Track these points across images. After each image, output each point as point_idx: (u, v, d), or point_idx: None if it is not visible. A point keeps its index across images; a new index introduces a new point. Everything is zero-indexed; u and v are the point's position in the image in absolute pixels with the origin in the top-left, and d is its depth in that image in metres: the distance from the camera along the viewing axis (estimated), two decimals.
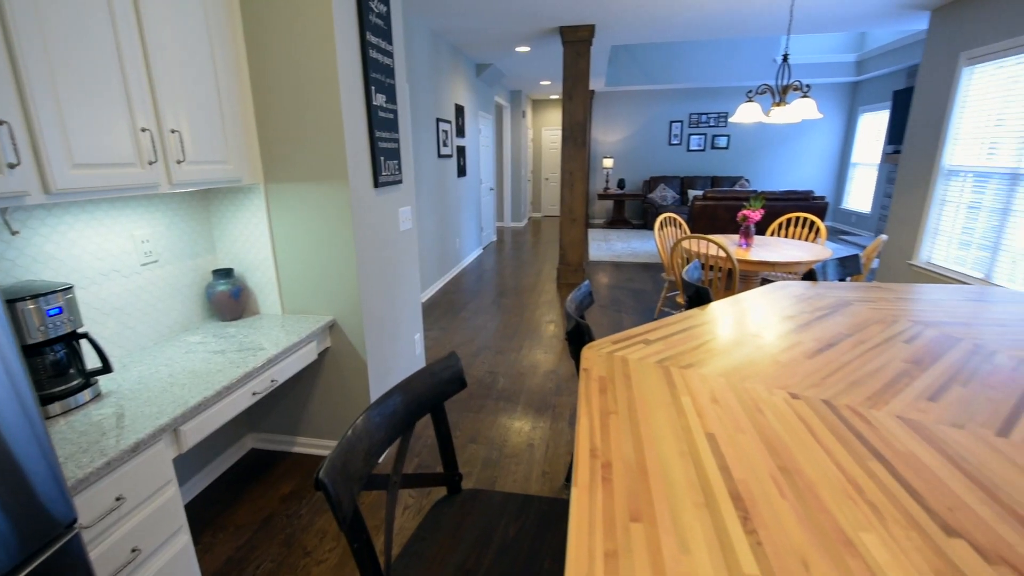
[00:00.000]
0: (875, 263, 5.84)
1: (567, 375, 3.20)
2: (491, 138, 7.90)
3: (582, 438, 0.91)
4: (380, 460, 2.32)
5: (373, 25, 2.06)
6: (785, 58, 3.41)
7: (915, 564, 0.63)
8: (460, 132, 5.93)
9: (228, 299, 1.98)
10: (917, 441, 0.91)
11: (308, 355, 1.95)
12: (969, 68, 3.94)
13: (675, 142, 9.68)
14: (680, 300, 3.72)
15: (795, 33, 5.16)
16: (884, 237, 3.21)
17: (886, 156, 7.16)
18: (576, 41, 4.76)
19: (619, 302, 4.74)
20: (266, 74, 1.88)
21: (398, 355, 2.58)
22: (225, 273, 2.00)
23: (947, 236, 4.16)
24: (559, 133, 10.56)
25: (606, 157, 9.88)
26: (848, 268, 2.38)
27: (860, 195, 8.52)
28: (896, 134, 6.72)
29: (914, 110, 4.56)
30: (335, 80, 1.84)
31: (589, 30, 4.67)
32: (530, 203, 11.01)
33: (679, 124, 9.56)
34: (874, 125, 8.16)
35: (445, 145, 5.33)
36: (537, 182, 11.05)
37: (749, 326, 1.51)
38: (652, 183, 9.53)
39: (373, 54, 2.07)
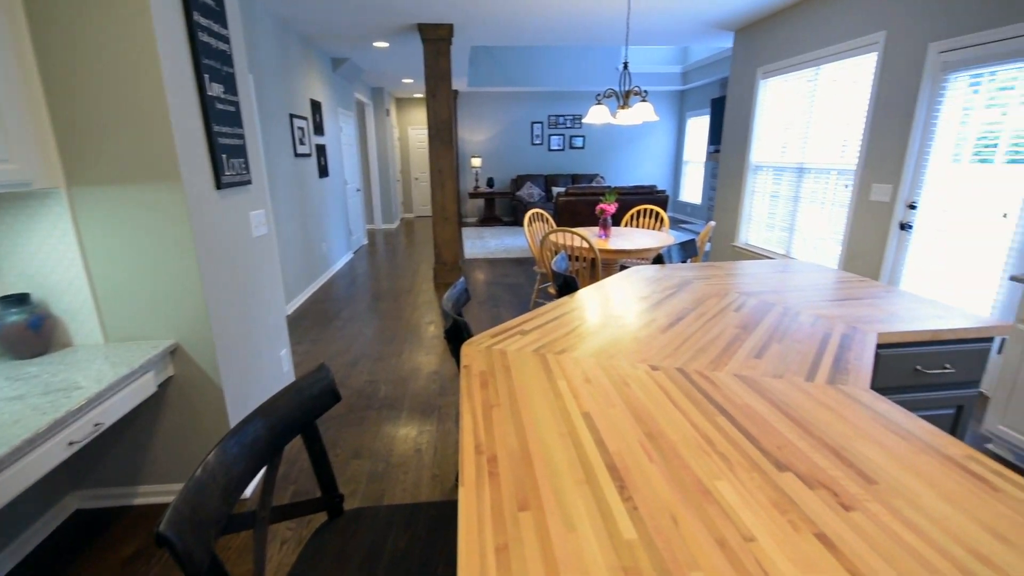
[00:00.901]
0: (708, 246, 6.76)
1: (451, 375, 3.18)
2: (354, 136, 7.51)
3: (466, 435, 0.90)
4: (247, 494, 2.08)
5: (201, 4, 1.81)
6: (625, 66, 3.77)
7: (758, 501, 0.74)
8: (319, 129, 5.54)
9: (24, 332, 1.60)
10: (750, 393, 1.06)
11: (144, 388, 1.66)
12: (764, 80, 4.74)
13: (537, 142, 10.17)
14: (552, 290, 3.93)
15: (632, 44, 5.74)
16: (713, 223, 3.73)
17: (709, 155, 8.32)
18: (435, 40, 4.73)
19: (496, 297, 4.84)
20: (61, 50, 1.54)
21: (262, 376, 2.33)
22: (17, 300, 1.61)
23: (758, 221, 4.97)
24: (426, 132, 10.44)
25: (474, 156, 10.02)
26: (688, 251, 2.72)
27: (692, 188, 9.79)
28: (715, 136, 7.85)
29: (727, 115, 5.36)
30: (155, 61, 1.58)
31: (448, 29, 4.67)
32: (401, 204, 10.72)
33: (540, 125, 10.06)
34: (699, 128, 9.43)
35: (302, 143, 4.93)
36: (407, 182, 10.80)
37: (612, 309, 1.64)
38: (519, 181, 9.90)
39: (204, 37, 1.82)
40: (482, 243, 7.83)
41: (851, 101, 3.74)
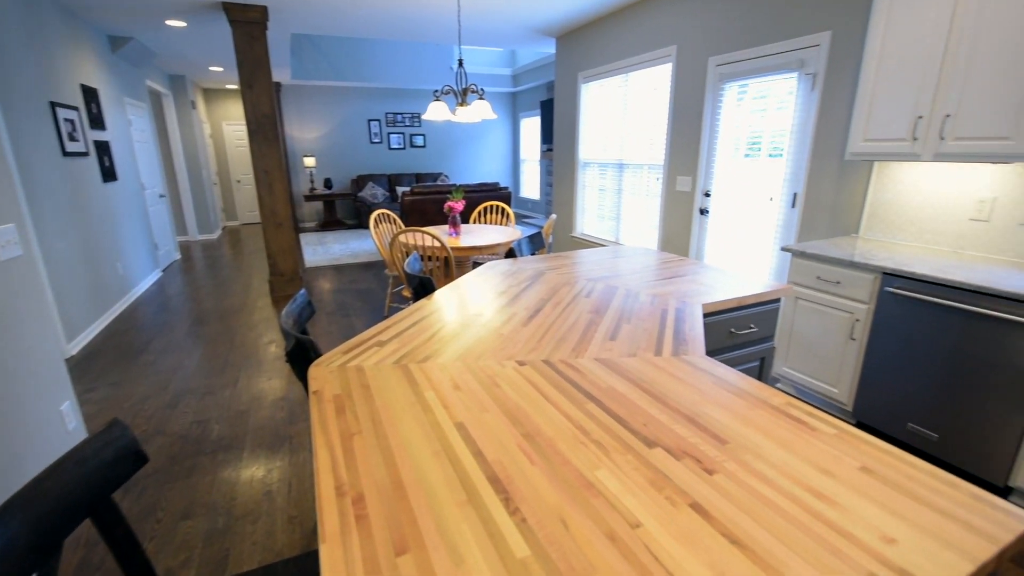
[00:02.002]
0: (551, 238, 7.22)
1: (300, 398, 2.85)
2: (150, 132, 6.28)
3: (323, 476, 0.77)
4: None
5: None
6: (460, 63, 3.77)
7: (636, 483, 0.75)
8: (97, 123, 4.49)
9: None
10: (612, 375, 1.10)
11: None
12: (585, 84, 5.18)
13: (376, 140, 9.75)
14: (407, 293, 3.77)
15: (465, 44, 5.79)
16: (554, 216, 3.96)
17: (543, 153, 8.86)
18: (247, 22, 4.17)
19: (347, 306, 4.50)
20: None
21: (30, 443, 1.78)
22: None
23: (591, 212, 5.44)
24: (245, 127, 9.25)
25: (307, 155, 9.19)
26: (536, 244, 2.82)
27: (531, 185, 10.37)
28: (547, 135, 8.40)
29: (556, 117, 5.75)
30: None
31: (260, 11, 4.15)
32: (222, 210, 9.35)
33: (377, 123, 9.65)
34: (532, 128, 10.01)
35: (74, 139, 3.94)
36: (227, 185, 9.46)
37: (471, 307, 1.60)
38: (360, 181, 9.38)
39: None
40: (325, 249, 7.23)
41: (656, 104, 4.28)
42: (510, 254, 2.56)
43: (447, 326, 1.43)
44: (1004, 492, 1.96)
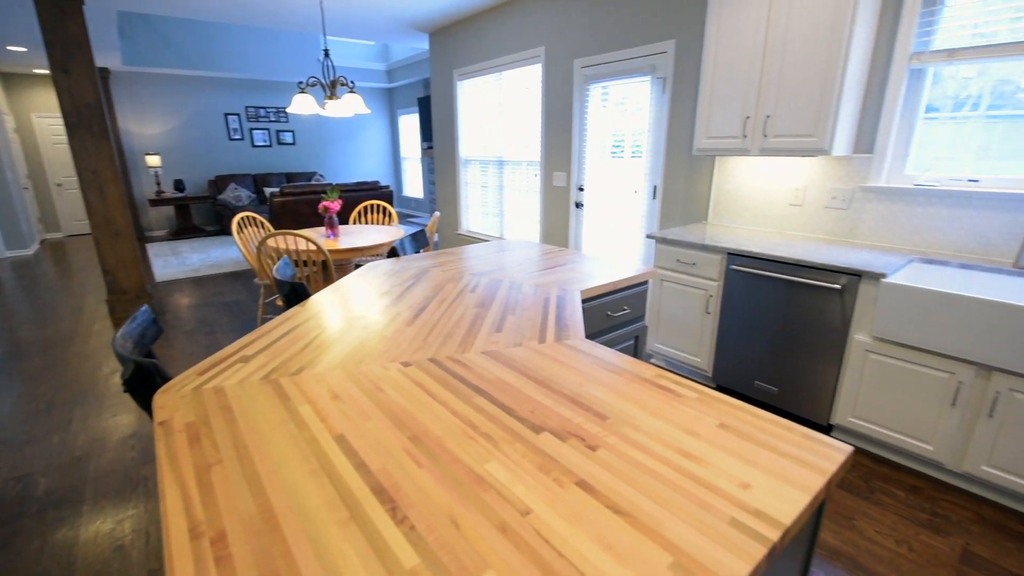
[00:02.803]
0: (436, 237, 7.14)
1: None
2: None
3: (172, 517, 0.66)
4: None
5: None
6: (327, 53, 3.53)
7: (526, 470, 0.76)
8: None
9: None
10: (499, 367, 1.11)
11: None
12: (461, 81, 5.19)
13: (236, 137, 8.80)
14: (281, 303, 3.46)
15: (332, 35, 5.45)
16: (438, 214, 3.91)
17: (424, 151, 8.74)
18: None
19: (211, 322, 4.00)
20: None
21: None
22: None
23: (475, 209, 5.48)
24: (62, 120, 7.77)
25: (150, 154, 7.98)
26: (420, 242, 2.76)
27: (413, 183, 10.16)
28: (427, 133, 8.28)
29: (434, 114, 5.68)
30: None
31: None
32: (38, 220, 7.76)
33: (236, 117, 8.71)
34: (411, 125, 9.79)
35: None
36: (43, 190, 7.87)
37: (353, 310, 1.50)
38: (220, 183, 8.40)
39: None
40: (180, 260, 6.36)
41: (530, 103, 4.43)
42: (393, 253, 2.47)
43: (324, 333, 1.33)
44: (828, 429, 2.36)
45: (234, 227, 3.48)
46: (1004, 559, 1.65)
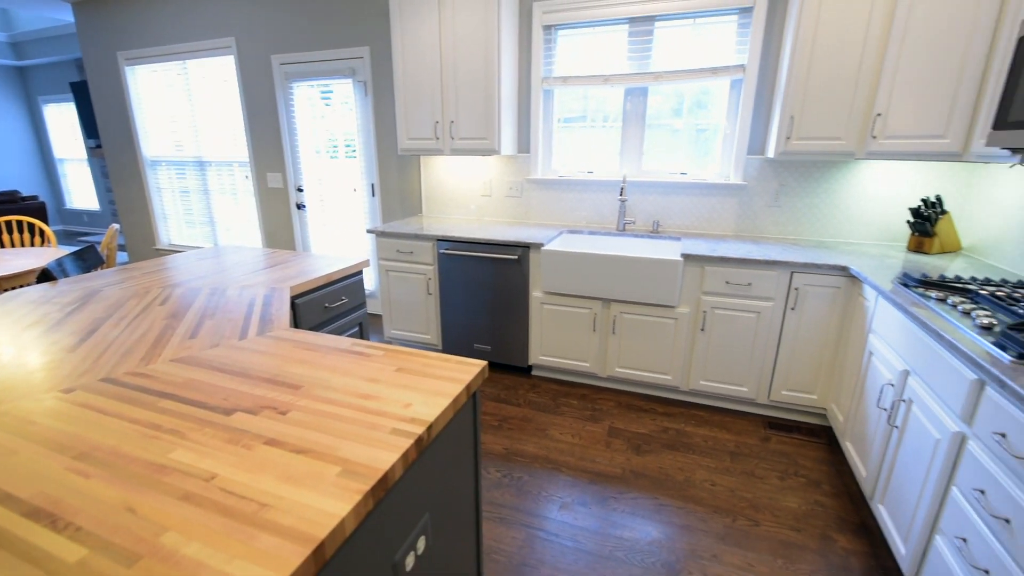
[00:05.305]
0: (125, 255, 5.81)
1: None
2: None
3: None
4: None
5: None
6: None
7: (214, 446, 0.81)
8: None
9: None
10: (191, 369, 1.10)
11: None
12: (131, 68, 4.32)
13: None
14: None
15: None
16: (115, 226, 3.24)
17: (91, 150, 6.95)
18: None
19: None
20: None
21: None
22: None
23: (175, 218, 4.70)
24: None
25: None
26: (90, 260, 2.28)
27: (82, 192, 7.94)
28: (92, 128, 6.58)
29: (97, 105, 4.59)
30: None
31: None
32: None
33: None
34: (66, 117, 7.57)
35: None
36: None
37: None
38: None
39: None
40: None
41: (227, 98, 4.03)
42: (46, 277, 1.98)
43: None
44: (529, 370, 2.98)
45: None
46: (633, 425, 2.44)
